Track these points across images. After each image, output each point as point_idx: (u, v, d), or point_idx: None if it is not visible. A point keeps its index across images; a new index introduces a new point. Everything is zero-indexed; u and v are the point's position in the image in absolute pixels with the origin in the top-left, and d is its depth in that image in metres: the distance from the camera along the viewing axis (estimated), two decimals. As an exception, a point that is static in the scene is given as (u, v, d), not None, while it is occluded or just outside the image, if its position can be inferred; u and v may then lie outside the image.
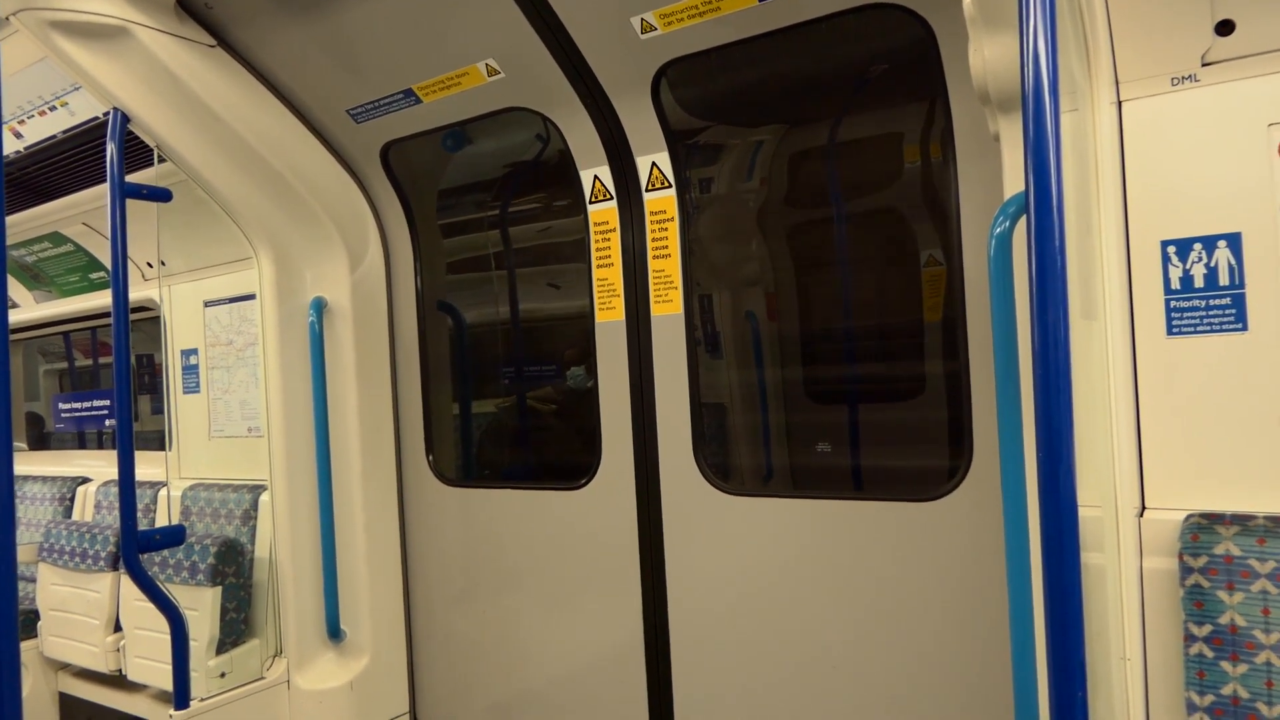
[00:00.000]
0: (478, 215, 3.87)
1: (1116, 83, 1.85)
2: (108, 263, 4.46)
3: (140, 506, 3.99)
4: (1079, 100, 1.78)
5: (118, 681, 3.83)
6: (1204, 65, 1.77)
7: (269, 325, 3.45)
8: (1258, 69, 1.72)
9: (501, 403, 4.07)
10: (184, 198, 3.16)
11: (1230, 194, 1.75)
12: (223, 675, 3.35)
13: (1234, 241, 1.75)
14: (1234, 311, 1.75)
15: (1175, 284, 1.80)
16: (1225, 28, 1.74)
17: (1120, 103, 1.85)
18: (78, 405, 5.45)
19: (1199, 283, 1.78)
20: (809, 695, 2.79)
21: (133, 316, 2.96)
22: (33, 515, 4.70)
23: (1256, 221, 1.73)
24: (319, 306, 3.49)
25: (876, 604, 2.66)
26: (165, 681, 3.35)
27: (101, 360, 5.52)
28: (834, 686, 2.74)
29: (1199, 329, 1.78)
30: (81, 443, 5.51)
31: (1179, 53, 1.78)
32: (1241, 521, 1.68)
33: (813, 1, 2.46)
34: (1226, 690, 1.67)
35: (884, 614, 2.64)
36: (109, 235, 2.80)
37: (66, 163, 3.84)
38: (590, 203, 3.16)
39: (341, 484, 3.52)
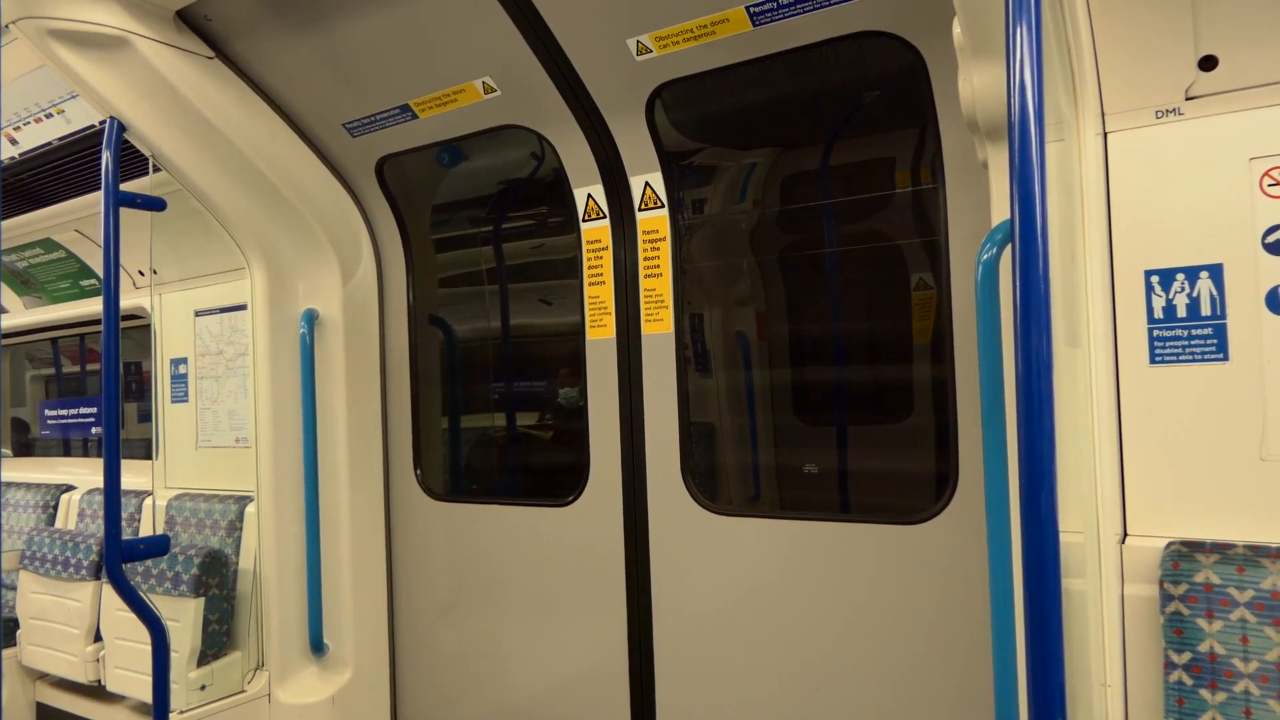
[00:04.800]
0: (471, 231, 3.89)
1: (1102, 114, 1.88)
2: (99, 270, 4.46)
3: (124, 515, 3.96)
4: (1065, 131, 1.80)
5: (96, 692, 3.78)
6: (1187, 99, 1.80)
7: (260, 336, 3.45)
8: (1240, 104, 1.76)
9: (491, 418, 4.06)
10: (178, 207, 3.16)
11: (1212, 226, 1.78)
12: (203, 688, 3.32)
13: (1216, 272, 1.77)
14: (1215, 341, 1.77)
15: (1158, 313, 1.83)
16: (1208, 63, 1.77)
17: (1105, 134, 1.88)
18: (64, 412, 5.42)
19: (1181, 313, 1.80)
20: (793, 715, 2.78)
21: (123, 324, 2.96)
22: (15, 522, 4.66)
23: (1238, 253, 1.75)
24: (310, 318, 3.49)
25: (861, 625, 2.66)
26: (145, 693, 3.32)
27: (89, 367, 5.49)
28: (818, 707, 2.73)
29: (1181, 358, 1.81)
30: (66, 450, 5.47)
31: (1163, 86, 1.81)
32: (1221, 550, 1.69)
33: (806, 28, 2.49)
34: (1206, 718, 1.67)
35: (868, 636, 2.65)
36: (101, 243, 2.80)
37: (61, 170, 3.84)
38: (583, 221, 3.18)
39: (328, 497, 3.51)
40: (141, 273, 4.23)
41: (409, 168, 3.61)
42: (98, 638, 3.73)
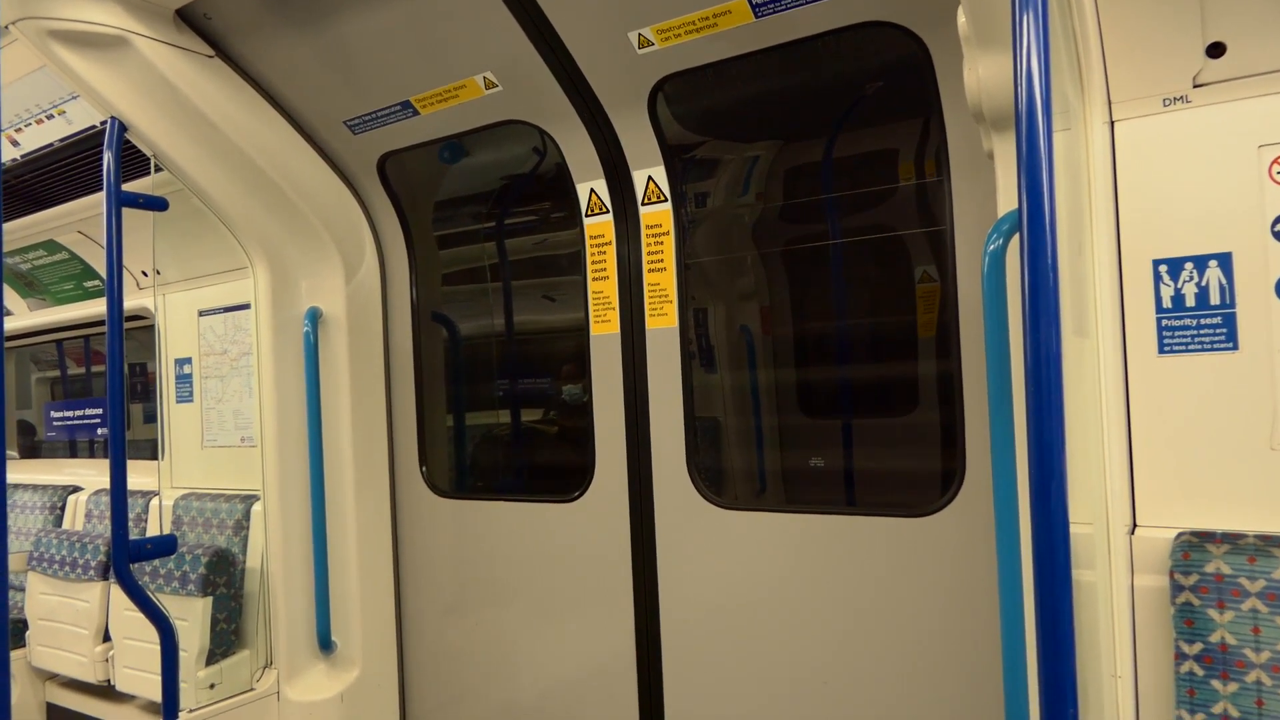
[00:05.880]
0: (474, 227, 3.88)
1: (1109, 103, 1.86)
2: (103, 271, 4.46)
3: (131, 515, 3.97)
4: (1072, 120, 1.79)
5: (106, 692, 3.80)
6: (1195, 87, 1.79)
7: (264, 335, 3.45)
8: (1248, 91, 1.74)
9: (495, 415, 4.06)
10: (180, 207, 3.16)
11: (1221, 214, 1.76)
12: (212, 686, 3.33)
13: (1225, 261, 1.76)
14: (1225, 331, 1.76)
15: (1167, 303, 1.81)
16: (1216, 50, 1.76)
17: (1113, 122, 1.87)
18: (69, 413, 5.43)
19: (1190, 302, 1.79)
20: (801, 710, 2.78)
21: (127, 325, 2.96)
22: (23, 524, 4.67)
23: (1247, 241, 1.74)
24: (314, 317, 3.48)
25: (869, 619, 2.66)
26: (154, 692, 3.33)
27: (94, 369, 5.50)
28: (826, 702, 2.73)
29: (1190, 348, 1.79)
30: (73, 451, 5.48)
31: (1171, 74, 1.79)
32: (1232, 540, 1.69)
33: (809, 19, 2.47)
34: (1217, 709, 1.67)
35: (876, 629, 2.64)
36: (104, 244, 2.80)
37: (63, 171, 3.83)
38: (586, 216, 3.17)
39: (334, 494, 3.51)
40: (145, 273, 4.23)
41: (411, 164, 3.61)
42: (106, 638, 3.74)
